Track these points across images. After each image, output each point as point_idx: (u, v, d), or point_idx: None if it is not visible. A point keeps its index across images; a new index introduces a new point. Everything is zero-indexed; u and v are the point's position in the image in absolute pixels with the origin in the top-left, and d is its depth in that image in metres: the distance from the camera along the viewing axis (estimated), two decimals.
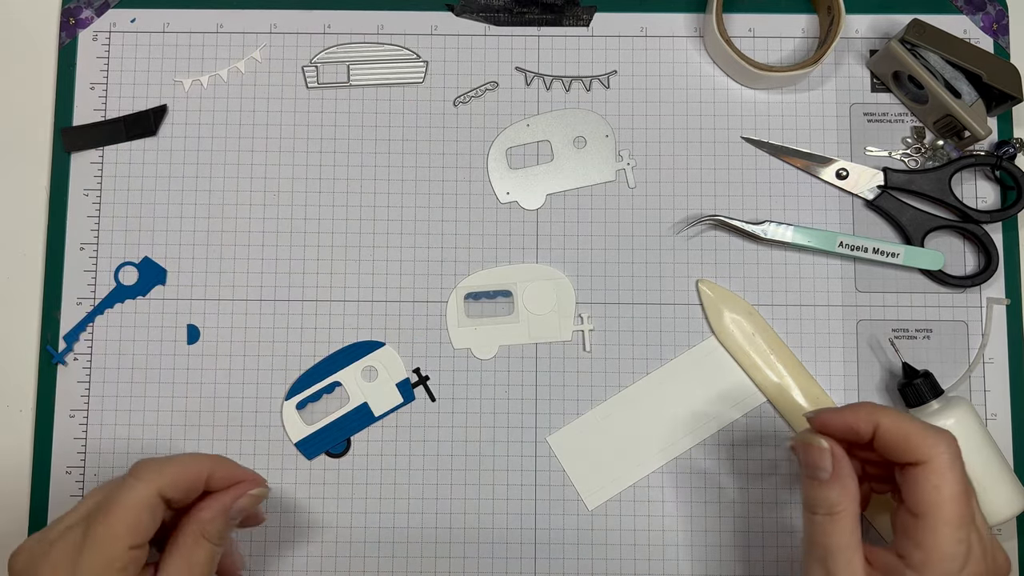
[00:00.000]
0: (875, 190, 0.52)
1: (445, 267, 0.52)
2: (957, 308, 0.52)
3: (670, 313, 0.52)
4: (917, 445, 0.40)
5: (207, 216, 0.53)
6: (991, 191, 0.53)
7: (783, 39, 0.54)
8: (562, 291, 0.52)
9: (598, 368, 0.52)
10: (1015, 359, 0.52)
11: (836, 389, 0.51)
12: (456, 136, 0.53)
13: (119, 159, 0.53)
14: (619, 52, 0.54)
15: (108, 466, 0.51)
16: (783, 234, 0.51)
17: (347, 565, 0.50)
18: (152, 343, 0.52)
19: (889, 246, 0.51)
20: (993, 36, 0.54)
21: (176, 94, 0.54)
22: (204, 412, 0.51)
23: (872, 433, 0.41)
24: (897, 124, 0.53)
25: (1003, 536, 0.50)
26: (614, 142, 0.53)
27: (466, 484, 0.51)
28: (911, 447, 0.40)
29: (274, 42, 0.54)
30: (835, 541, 0.40)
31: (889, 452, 0.41)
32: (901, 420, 0.41)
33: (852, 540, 0.40)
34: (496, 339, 0.52)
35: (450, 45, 0.54)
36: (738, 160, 0.53)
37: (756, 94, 0.54)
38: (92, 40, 0.54)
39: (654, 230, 0.53)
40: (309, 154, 0.53)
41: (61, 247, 0.52)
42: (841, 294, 0.52)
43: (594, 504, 0.51)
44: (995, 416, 0.51)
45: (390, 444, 0.51)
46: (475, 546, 0.50)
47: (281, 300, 0.52)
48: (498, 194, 0.53)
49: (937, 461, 0.39)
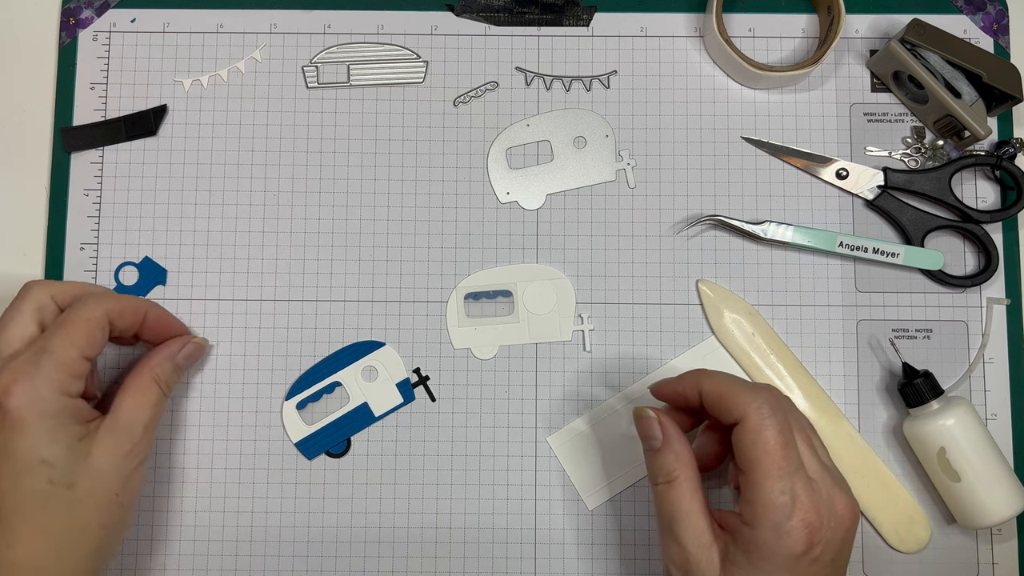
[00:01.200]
0: (875, 190, 0.52)
1: (445, 267, 0.52)
2: (957, 308, 0.52)
3: (670, 313, 0.52)
4: (733, 404, 0.41)
5: (207, 216, 0.53)
6: (991, 191, 0.53)
7: (783, 39, 0.54)
8: (562, 291, 0.52)
9: (598, 368, 0.52)
10: (1015, 359, 0.52)
11: (836, 389, 0.51)
12: (456, 136, 0.53)
13: (119, 159, 0.53)
14: (619, 52, 0.54)
15: None
16: (783, 234, 0.51)
17: (347, 565, 0.50)
18: None
19: (889, 246, 0.51)
20: (993, 36, 0.54)
21: (176, 94, 0.54)
22: (204, 412, 0.51)
23: (699, 397, 0.43)
24: (897, 124, 0.53)
25: (1003, 536, 0.50)
26: (614, 142, 0.53)
27: (466, 484, 0.51)
28: (728, 406, 0.41)
29: (274, 42, 0.54)
30: (677, 507, 0.42)
31: (715, 414, 0.42)
32: (720, 381, 0.42)
33: (693, 505, 0.41)
34: (496, 339, 0.52)
35: (450, 45, 0.54)
36: (738, 160, 0.53)
37: (756, 94, 0.54)
38: (92, 40, 0.54)
39: (654, 230, 0.53)
40: (309, 154, 0.53)
41: (61, 247, 0.52)
42: (841, 294, 0.52)
43: (594, 504, 0.51)
44: (995, 416, 0.51)
45: (390, 444, 0.51)
46: (475, 546, 0.50)
47: (281, 300, 0.52)
48: (498, 194, 0.53)
49: (752, 417, 0.40)
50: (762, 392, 0.41)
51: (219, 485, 0.51)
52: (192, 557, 0.50)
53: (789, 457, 0.40)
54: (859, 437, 0.51)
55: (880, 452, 0.51)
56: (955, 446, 0.47)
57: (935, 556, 0.50)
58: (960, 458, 0.47)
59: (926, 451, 0.48)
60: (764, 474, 0.39)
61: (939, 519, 0.50)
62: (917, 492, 0.51)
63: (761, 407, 0.40)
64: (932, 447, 0.48)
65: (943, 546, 0.50)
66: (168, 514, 0.50)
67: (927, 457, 0.49)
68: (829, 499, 0.40)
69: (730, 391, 0.41)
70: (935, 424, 0.48)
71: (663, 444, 0.43)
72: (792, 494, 0.39)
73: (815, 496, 0.40)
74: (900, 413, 0.51)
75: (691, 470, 0.42)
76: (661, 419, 0.43)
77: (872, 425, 0.51)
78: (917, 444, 0.49)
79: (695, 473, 0.42)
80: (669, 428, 0.43)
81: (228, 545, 0.50)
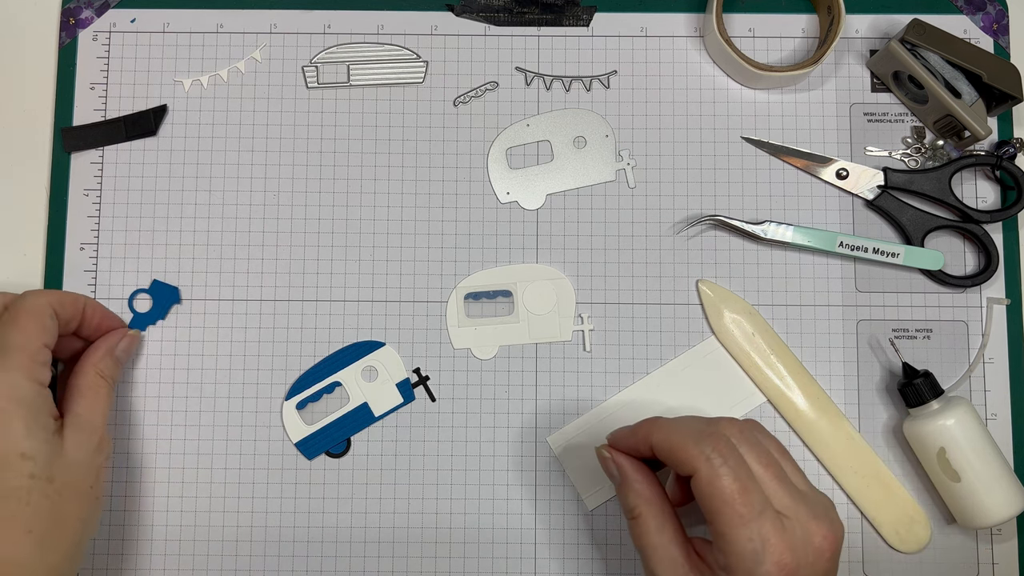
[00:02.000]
0: (875, 190, 0.52)
1: (445, 267, 0.52)
2: (957, 308, 0.52)
3: (670, 313, 0.52)
4: (683, 458, 0.40)
5: (207, 216, 0.53)
6: (991, 191, 0.53)
7: (783, 39, 0.54)
8: (562, 291, 0.52)
9: (598, 368, 0.52)
10: (1015, 359, 0.52)
11: (836, 389, 0.51)
12: (456, 136, 0.53)
13: (119, 159, 0.53)
14: (619, 52, 0.54)
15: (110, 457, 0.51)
16: (783, 234, 0.51)
17: (347, 565, 0.50)
18: (152, 343, 0.52)
19: (889, 246, 0.51)
20: (993, 36, 0.54)
21: (176, 94, 0.54)
22: (204, 412, 0.51)
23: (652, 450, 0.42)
24: (897, 124, 0.53)
25: (1003, 536, 0.50)
26: (614, 142, 0.53)
27: (466, 484, 0.51)
28: (678, 461, 0.40)
29: (274, 42, 0.54)
30: (645, 542, 0.41)
31: (670, 466, 0.41)
32: (669, 433, 0.41)
33: (661, 538, 0.41)
34: (496, 339, 0.52)
35: (450, 45, 0.54)
36: (738, 160, 0.53)
37: (756, 94, 0.54)
38: (92, 40, 0.54)
39: (654, 230, 0.53)
40: (309, 154, 0.53)
41: (61, 247, 0.52)
42: (841, 294, 0.52)
43: (594, 504, 0.51)
44: (995, 416, 0.51)
45: (390, 444, 0.51)
46: (475, 546, 0.50)
47: (281, 300, 0.52)
48: (498, 194, 0.53)
49: (703, 470, 0.39)
50: (711, 438, 0.39)
51: (219, 485, 0.51)
52: (192, 557, 0.50)
53: (750, 502, 0.38)
54: (859, 437, 0.51)
55: (880, 452, 0.51)
56: (955, 446, 0.47)
57: (935, 556, 0.50)
58: (960, 458, 0.47)
59: (926, 451, 0.48)
60: (727, 524, 0.38)
61: (939, 519, 0.50)
62: (917, 492, 0.51)
63: (710, 457, 0.39)
64: (932, 447, 0.48)
65: (943, 546, 0.50)
66: (168, 514, 0.50)
67: (927, 457, 0.49)
68: (804, 534, 0.39)
69: (679, 444, 0.40)
70: (935, 424, 0.48)
71: (621, 482, 0.43)
72: (761, 539, 0.38)
73: (787, 535, 0.38)
74: (900, 413, 0.51)
75: (655, 505, 0.42)
76: (616, 458, 0.43)
77: (872, 425, 0.51)
78: (917, 444, 0.49)
79: (662, 507, 0.42)
80: (625, 466, 0.43)
81: (228, 545, 0.50)
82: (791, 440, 0.51)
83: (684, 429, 0.41)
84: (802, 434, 0.51)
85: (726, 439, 0.40)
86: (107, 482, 0.50)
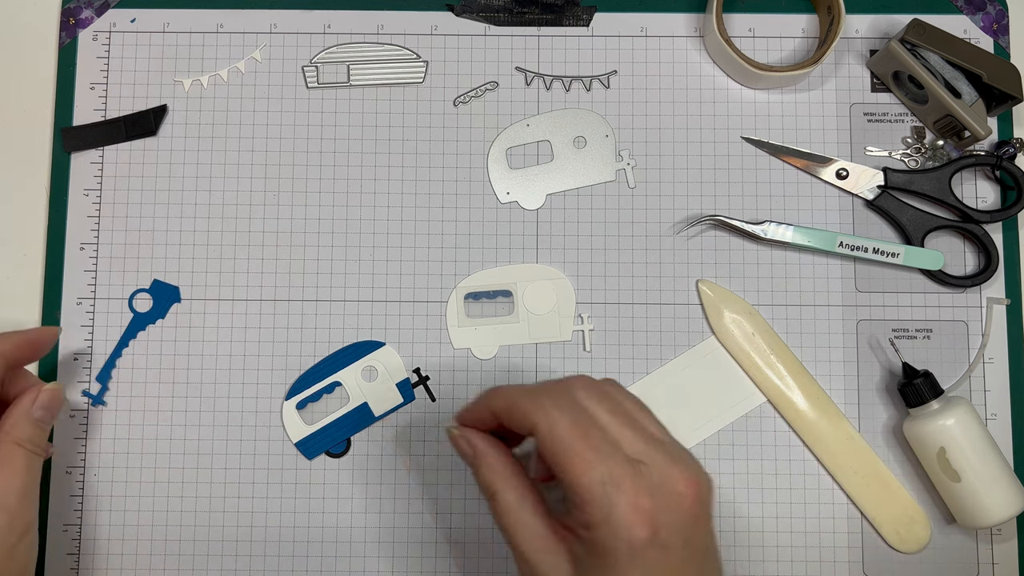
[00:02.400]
0: (875, 190, 0.52)
1: (445, 267, 0.52)
2: (957, 308, 0.52)
3: (670, 313, 0.52)
4: (522, 416, 0.38)
5: (207, 216, 0.53)
6: (991, 191, 0.53)
7: (783, 39, 0.54)
8: (562, 291, 0.52)
9: (598, 368, 0.52)
10: (1015, 359, 0.52)
11: (836, 389, 0.51)
12: (456, 136, 0.53)
13: (119, 159, 0.53)
14: (619, 52, 0.54)
15: (109, 455, 0.51)
16: (783, 234, 0.51)
17: (347, 565, 0.50)
18: (152, 343, 0.52)
19: (889, 246, 0.51)
20: (993, 36, 0.54)
21: (176, 94, 0.54)
22: (204, 412, 0.51)
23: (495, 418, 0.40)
24: (897, 124, 0.53)
25: (1003, 536, 0.50)
26: (614, 142, 0.53)
27: (466, 484, 0.51)
28: (519, 420, 0.38)
29: (274, 42, 0.54)
30: (506, 520, 0.39)
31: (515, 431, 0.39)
32: (506, 396, 0.39)
33: (522, 513, 0.38)
34: (496, 339, 0.52)
35: (450, 45, 0.54)
36: (738, 160, 0.53)
37: (756, 94, 0.54)
38: (92, 40, 0.54)
39: (654, 230, 0.53)
40: (309, 154, 0.53)
41: (61, 247, 0.52)
42: (841, 294, 0.52)
43: None
44: (995, 416, 0.51)
45: (390, 444, 0.51)
46: (475, 546, 0.50)
47: (281, 300, 0.52)
48: (498, 194, 0.53)
49: (542, 422, 0.37)
50: (550, 392, 0.38)
51: (219, 485, 0.51)
52: (192, 557, 0.50)
53: (594, 446, 0.36)
54: (859, 437, 0.51)
55: (880, 452, 0.51)
56: (955, 446, 0.47)
57: (935, 556, 0.50)
58: (960, 458, 0.47)
59: (926, 451, 0.48)
60: (575, 472, 0.36)
61: (939, 519, 0.50)
62: (917, 492, 0.51)
63: (548, 409, 0.37)
64: (932, 447, 0.48)
65: (943, 546, 0.50)
66: (168, 514, 0.50)
67: (927, 457, 0.49)
68: (663, 479, 0.36)
69: (516, 403, 0.38)
70: (935, 424, 0.48)
71: (474, 460, 0.41)
72: (613, 481, 0.35)
73: (642, 479, 0.36)
74: (900, 413, 0.51)
75: (513, 480, 0.39)
76: (467, 435, 0.41)
77: (872, 425, 0.51)
78: (917, 444, 0.49)
79: (520, 482, 0.39)
80: (477, 442, 0.41)
81: (228, 545, 0.50)
82: (791, 440, 0.51)
83: (524, 388, 0.39)
84: (802, 434, 0.51)
85: (568, 392, 0.38)
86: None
